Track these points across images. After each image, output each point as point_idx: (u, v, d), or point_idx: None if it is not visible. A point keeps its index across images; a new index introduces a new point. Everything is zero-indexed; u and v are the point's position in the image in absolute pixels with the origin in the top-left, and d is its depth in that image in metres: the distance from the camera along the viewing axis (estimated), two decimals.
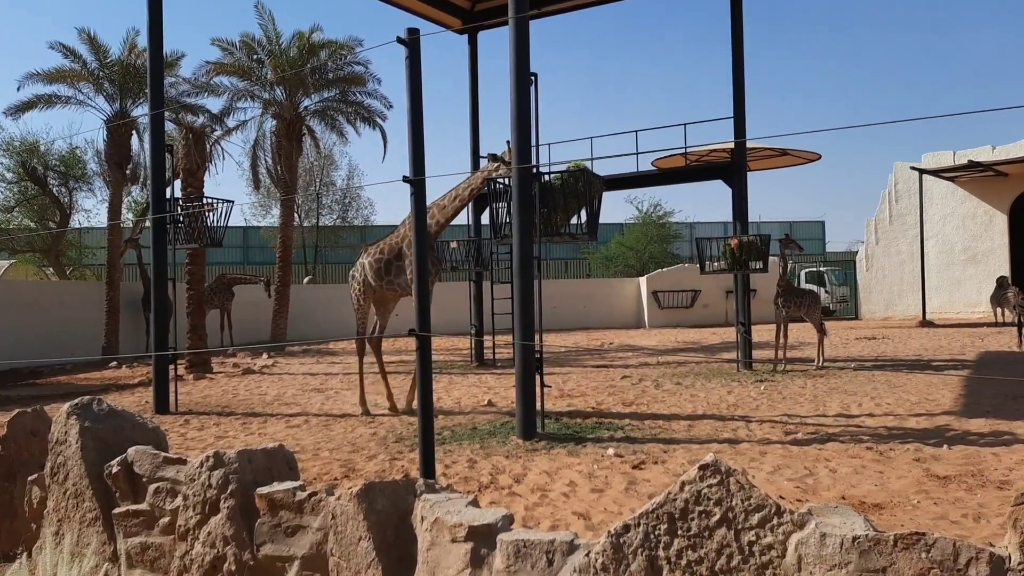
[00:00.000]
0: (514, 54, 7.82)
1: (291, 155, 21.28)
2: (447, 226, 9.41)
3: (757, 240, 13.00)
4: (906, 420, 8.02)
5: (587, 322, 27.22)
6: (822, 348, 13.21)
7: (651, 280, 28.03)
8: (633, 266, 35.16)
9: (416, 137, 4.53)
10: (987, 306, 23.92)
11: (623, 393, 10.50)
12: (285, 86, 21.31)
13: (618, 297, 28.38)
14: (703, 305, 27.61)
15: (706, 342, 19.67)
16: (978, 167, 23.92)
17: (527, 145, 7.90)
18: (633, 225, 38.00)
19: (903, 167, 27.30)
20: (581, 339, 21.63)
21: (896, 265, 27.80)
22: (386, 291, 9.54)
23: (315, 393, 11.56)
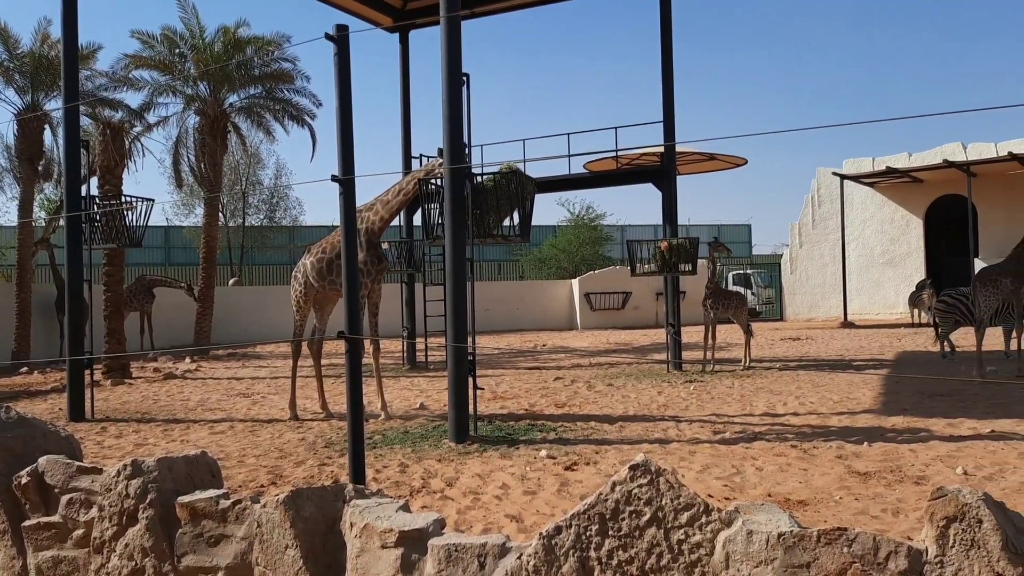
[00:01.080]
0: (446, 54, 7.80)
1: (215, 153, 20.78)
2: (391, 221, 9.34)
3: (686, 243, 13.26)
4: (829, 419, 8.29)
5: (520, 324, 27.32)
6: (749, 349, 13.55)
7: (583, 282, 28.32)
8: (566, 268, 35.44)
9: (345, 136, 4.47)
10: (905, 307, 24.95)
11: (556, 395, 10.57)
12: (209, 82, 20.79)
13: (551, 299, 28.58)
14: (634, 307, 28.03)
15: (637, 343, 19.96)
16: (895, 173, 24.94)
17: (459, 146, 7.89)
18: (565, 227, 38.33)
19: (825, 172, 28.26)
20: (514, 341, 21.69)
21: (819, 268, 28.75)
22: (328, 291, 9.42)
23: (241, 398, 11.29)
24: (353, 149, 4.53)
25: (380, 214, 9.00)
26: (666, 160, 14.52)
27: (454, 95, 7.80)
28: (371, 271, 9.01)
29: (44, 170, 19.53)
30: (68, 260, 10.07)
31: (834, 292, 27.78)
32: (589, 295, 27.88)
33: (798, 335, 20.88)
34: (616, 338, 22.06)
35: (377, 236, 9.13)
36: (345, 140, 4.47)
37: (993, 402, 8.92)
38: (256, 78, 21.62)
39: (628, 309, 28.02)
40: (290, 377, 9.77)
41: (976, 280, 11.20)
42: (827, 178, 28.09)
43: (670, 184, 14.15)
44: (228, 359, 18.19)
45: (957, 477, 5.66)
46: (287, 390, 10.77)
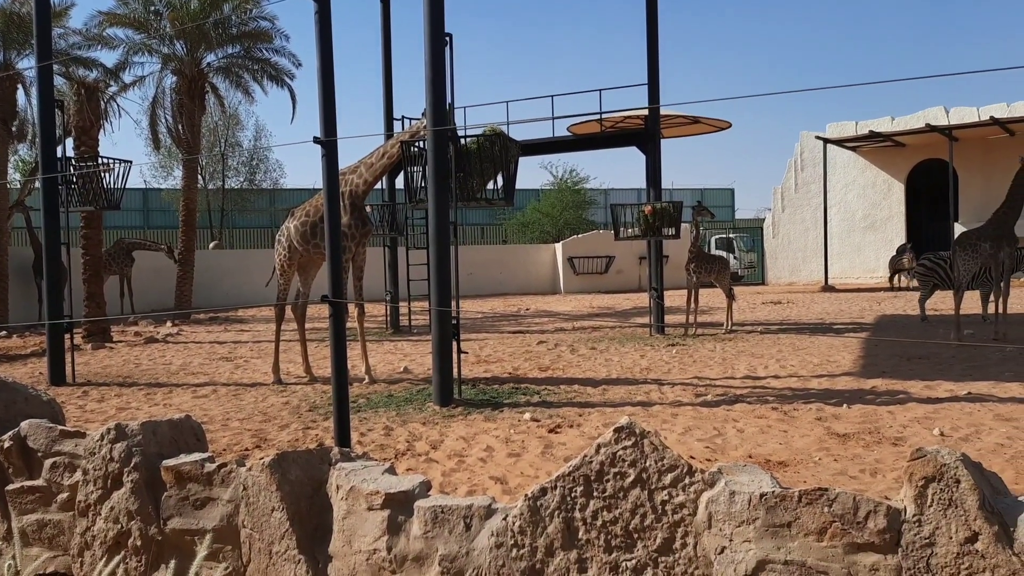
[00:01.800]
0: (428, 13, 7.68)
1: (193, 114, 20.46)
2: (375, 184, 9.27)
3: (670, 207, 13.26)
4: (809, 381, 8.39)
5: (504, 288, 27.35)
6: (731, 313, 13.65)
7: (567, 246, 28.33)
8: (549, 232, 35.43)
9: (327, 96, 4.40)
10: (885, 271, 25.19)
11: (539, 358, 10.62)
12: (186, 40, 20.40)
13: (534, 263, 28.59)
14: (617, 271, 28.11)
15: (620, 307, 20.06)
16: (878, 137, 25.00)
17: (442, 108, 7.81)
18: (549, 191, 38.26)
19: (808, 136, 28.28)
20: (498, 305, 21.73)
21: (801, 232, 28.90)
22: (312, 255, 9.37)
23: (223, 362, 11.27)
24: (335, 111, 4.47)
25: (364, 177, 8.92)
26: (650, 123, 14.47)
27: (437, 56, 7.70)
28: (355, 235, 8.96)
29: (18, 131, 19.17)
30: (45, 223, 9.92)
31: (815, 256, 27.98)
32: (572, 259, 27.91)
33: (780, 299, 21.05)
34: (599, 302, 22.15)
35: (361, 199, 9.06)
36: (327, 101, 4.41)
37: (970, 364, 9.06)
38: (234, 37, 21.23)
39: (611, 273, 28.10)
40: (273, 341, 9.74)
41: (955, 244, 11.31)
42: (810, 142, 28.13)
43: (654, 148, 14.11)
44: (210, 323, 18.12)
45: (934, 438, 5.76)
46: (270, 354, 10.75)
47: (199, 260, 21.41)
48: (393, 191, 16.33)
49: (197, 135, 21.17)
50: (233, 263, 24.48)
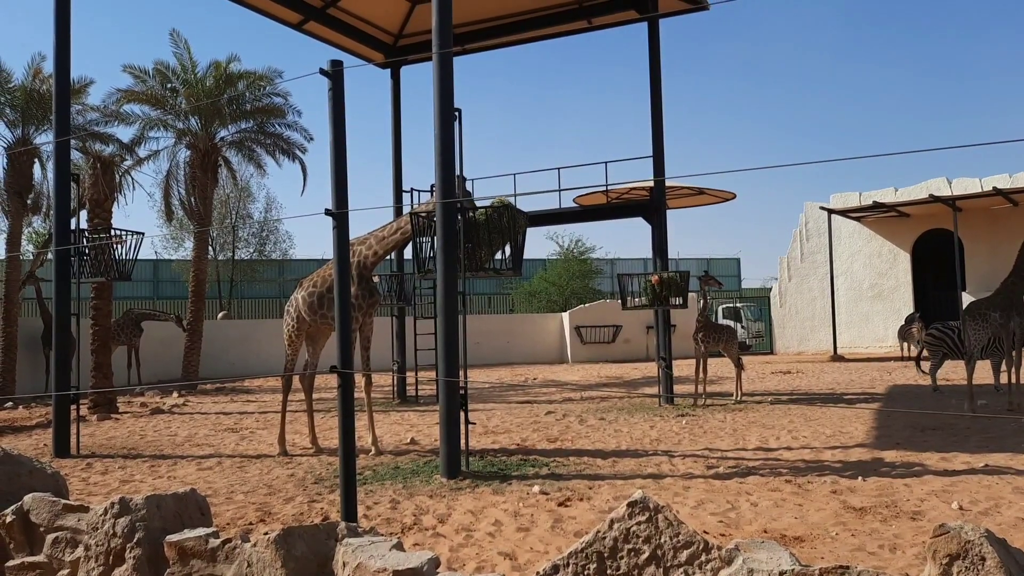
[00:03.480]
0: (438, 90, 7.86)
1: (205, 186, 20.78)
2: (385, 257, 9.37)
3: (677, 276, 13.30)
4: (822, 453, 8.26)
5: (511, 357, 27.25)
6: (740, 382, 13.54)
7: (574, 315, 28.33)
8: (556, 301, 35.47)
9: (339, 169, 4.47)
10: (894, 340, 25.03)
11: (547, 429, 10.52)
12: (200, 116, 20.88)
13: (541, 332, 28.55)
14: (625, 340, 28.02)
15: (628, 377, 19.93)
16: (882, 208, 25.17)
17: (451, 180, 7.92)
18: (556, 261, 38.45)
19: (813, 207, 28.51)
20: (505, 375, 21.61)
21: (808, 301, 28.87)
22: (320, 325, 9.41)
23: (229, 433, 11.17)
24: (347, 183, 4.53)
25: (373, 248, 9.02)
26: (656, 194, 14.62)
27: (446, 131, 7.85)
28: (363, 305, 9.00)
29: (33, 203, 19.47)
30: (56, 293, 9.99)
31: (823, 325, 27.88)
32: (580, 328, 27.87)
33: (789, 368, 20.90)
34: (607, 371, 22.02)
35: (369, 270, 9.13)
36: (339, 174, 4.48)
37: (986, 436, 8.91)
38: (247, 112, 21.72)
39: (619, 342, 28.01)
40: (279, 412, 9.69)
41: (965, 314, 11.25)
42: (815, 212, 28.34)
43: (660, 218, 14.22)
44: (216, 393, 18.04)
45: (953, 512, 5.63)
46: (276, 425, 10.68)
47: (207, 330, 21.45)
48: (401, 261, 16.46)
49: (209, 207, 21.46)
50: (241, 333, 24.52)
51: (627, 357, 27.37)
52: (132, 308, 21.88)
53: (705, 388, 13.40)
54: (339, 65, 4.40)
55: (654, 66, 14.46)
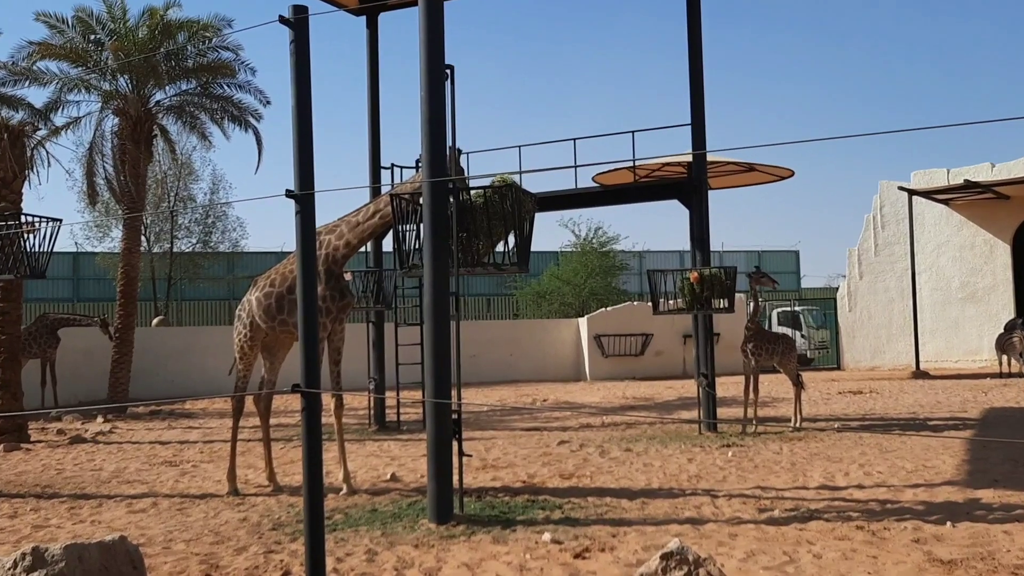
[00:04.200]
0: (425, 42, 7.87)
1: (138, 162, 20.81)
2: (360, 248, 9.40)
3: (721, 273, 13.30)
4: (901, 492, 8.26)
5: (515, 373, 27.28)
6: (799, 405, 13.54)
7: (593, 321, 28.35)
8: (571, 304, 35.49)
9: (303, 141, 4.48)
10: (991, 352, 25.00)
11: (561, 463, 10.52)
12: (131, 75, 20.91)
13: (553, 343, 28.58)
14: (656, 352, 28.03)
15: (660, 398, 19.92)
16: (976, 188, 25.13)
17: (441, 154, 7.93)
18: (571, 254, 38.46)
19: (890, 187, 28.49)
20: (508, 395, 21.63)
21: (883, 304, 28.86)
22: (279, 333, 9.44)
23: (167, 467, 11.20)
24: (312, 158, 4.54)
25: (345, 238, 9.04)
26: (695, 171, 14.63)
27: (435, 93, 7.86)
28: (331, 308, 9.01)
29: None
30: None
31: (903, 334, 27.86)
32: (600, 337, 27.89)
33: (860, 387, 20.89)
34: (634, 391, 22.03)
35: (340, 265, 9.15)
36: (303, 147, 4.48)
37: None
38: (189, 71, 21.75)
39: (649, 355, 28.02)
40: (229, 441, 9.71)
41: None
42: (892, 194, 28.32)
43: (700, 201, 14.23)
44: (151, 418, 18.09)
45: None
46: (225, 457, 10.69)
47: (140, 339, 21.48)
48: (379, 254, 16.48)
49: (142, 188, 21.50)
50: (181, 343, 24.57)
51: (659, 373, 27.38)
52: (47, 312, 21.93)
53: (756, 412, 13.38)
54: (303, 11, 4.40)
55: (693, 15, 14.47)
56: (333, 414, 9.22)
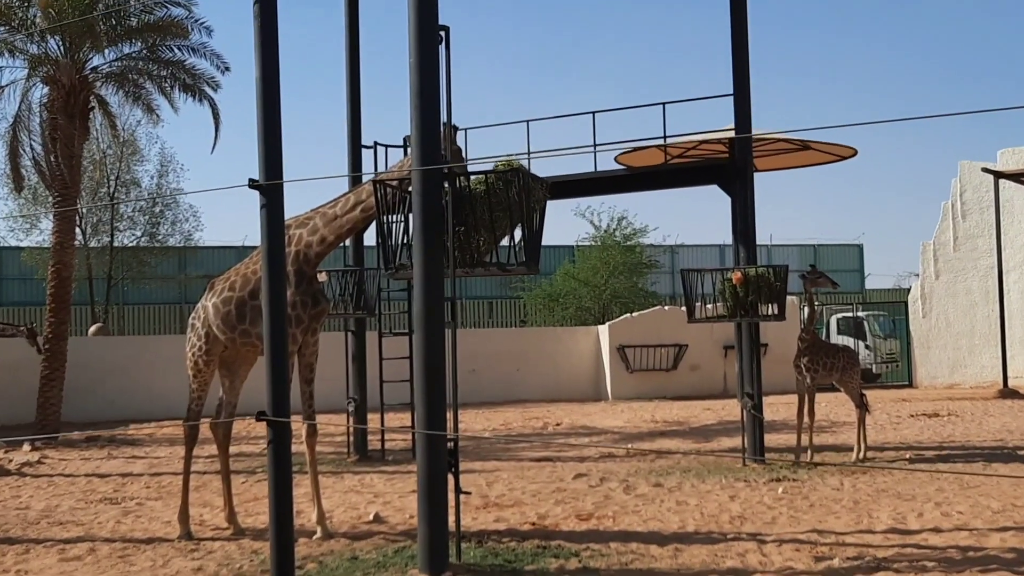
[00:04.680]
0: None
1: (72, 139, 20.83)
2: (337, 245, 9.41)
3: (769, 273, 13.27)
4: (986, 537, 8.24)
5: (522, 391, 27.26)
6: (863, 431, 13.51)
7: (615, 329, 28.33)
8: (589, 309, 35.47)
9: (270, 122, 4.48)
10: None
11: (577, 500, 10.51)
12: (64, 36, 20.93)
13: (567, 355, 28.56)
14: (691, 367, 28.00)
15: (697, 422, 19.90)
16: None
17: (434, 132, 7.93)
18: (589, 249, 38.42)
19: (972, 169, 28.42)
20: (514, 418, 21.61)
21: (965, 308, 28.78)
22: (241, 347, 9.43)
23: (107, 506, 11.21)
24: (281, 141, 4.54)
25: (320, 233, 9.03)
26: (738, 151, 14.60)
27: (426, 59, 7.86)
28: (303, 317, 9.01)
29: None
30: None
31: (987, 345, 27.81)
32: (624, 349, 27.87)
33: (936, 409, 20.84)
34: (665, 413, 22.00)
35: (313, 265, 9.15)
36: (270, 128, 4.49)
37: None
38: (133, 30, 21.74)
39: (682, 370, 27.99)
40: (181, 473, 9.71)
41: None
42: (974, 176, 28.24)
43: (744, 186, 14.21)
44: (87, 446, 18.09)
45: None
46: (176, 493, 10.68)
47: (74, 351, 21.48)
48: (360, 251, 16.49)
49: (76, 170, 21.50)
50: (124, 356, 24.58)
51: (695, 391, 27.34)
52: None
53: (812, 439, 13.35)
54: None
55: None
56: (305, 442, 9.23)
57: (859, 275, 47.40)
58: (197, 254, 40.00)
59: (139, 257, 37.82)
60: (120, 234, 37.64)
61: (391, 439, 16.23)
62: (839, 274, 44.00)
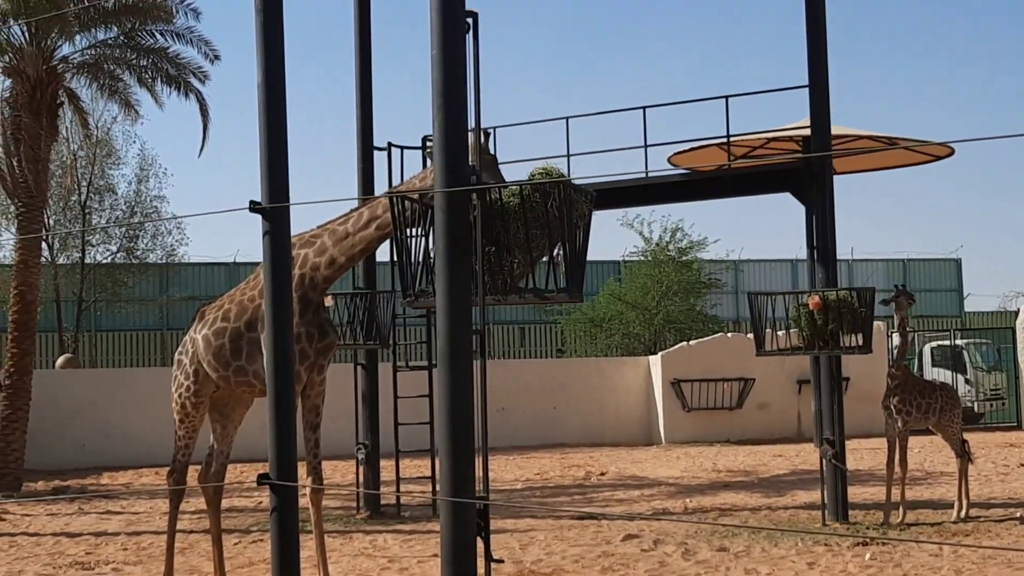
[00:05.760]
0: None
1: (39, 140, 20.99)
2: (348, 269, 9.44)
3: (853, 297, 13.18)
4: None
5: (561, 433, 27.19)
6: (965, 484, 13.38)
7: (669, 361, 28.23)
8: (638, 336, 35.34)
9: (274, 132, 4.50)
10: None
11: (627, 567, 10.47)
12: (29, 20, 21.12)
13: (613, 390, 28.48)
14: (759, 405, 27.84)
15: (767, 471, 19.81)
16: None
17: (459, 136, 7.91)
18: (638, 265, 38.26)
19: None
20: (550, 465, 21.57)
21: None
22: (235, 387, 9.43)
23: (78, 571, 11.23)
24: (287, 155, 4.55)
25: (329, 254, 9.04)
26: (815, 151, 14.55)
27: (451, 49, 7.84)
28: (308, 351, 9.02)
29: None
30: None
31: None
32: (680, 383, 27.77)
33: None
34: (729, 461, 21.89)
35: (321, 291, 9.17)
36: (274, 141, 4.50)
37: None
38: (108, 13, 21.87)
39: (749, 408, 27.85)
40: (165, 534, 9.75)
41: None
42: None
43: (822, 193, 14.15)
44: (54, 499, 18.17)
45: None
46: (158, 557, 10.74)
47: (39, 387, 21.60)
48: (372, 270, 16.51)
49: (43, 176, 21.64)
50: (97, 391, 24.65)
51: (764, 434, 27.18)
52: None
53: (904, 493, 13.23)
54: None
55: None
56: (309, 499, 9.22)
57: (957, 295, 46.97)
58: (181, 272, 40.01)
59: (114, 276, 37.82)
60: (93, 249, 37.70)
61: (408, 492, 16.20)
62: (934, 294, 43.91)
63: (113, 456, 23.01)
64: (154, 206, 38.23)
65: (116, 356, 38.22)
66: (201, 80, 22.58)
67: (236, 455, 10.35)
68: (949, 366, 30.39)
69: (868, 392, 19.68)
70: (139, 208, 37.92)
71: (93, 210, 37.11)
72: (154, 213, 38.13)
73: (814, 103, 14.18)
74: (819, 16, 14.32)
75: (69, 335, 36.24)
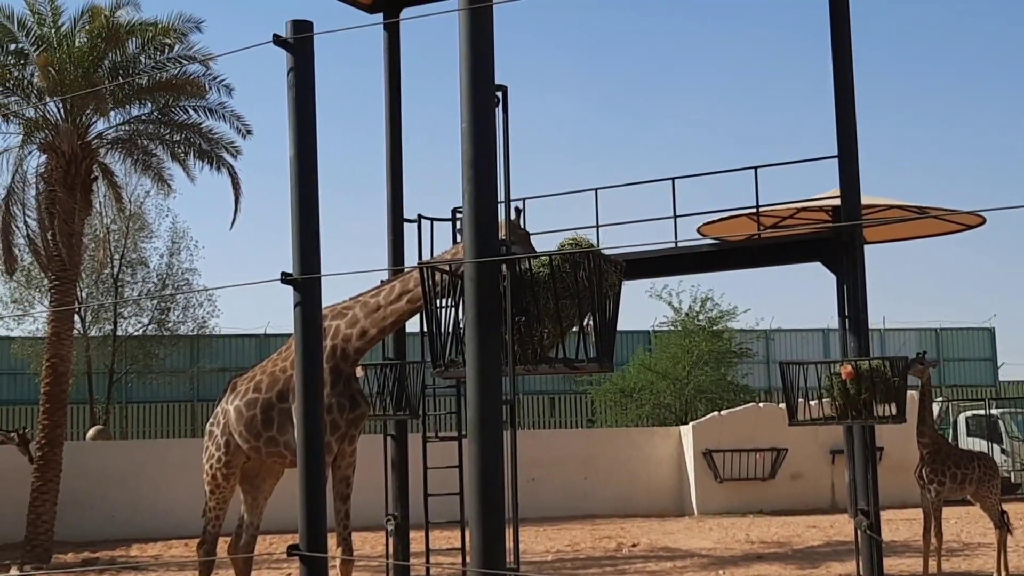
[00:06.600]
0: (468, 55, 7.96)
1: (72, 214, 21.16)
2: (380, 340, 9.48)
3: (886, 366, 13.12)
4: None
5: (591, 504, 27.05)
6: (1004, 556, 13.24)
7: (701, 431, 28.10)
8: (669, 406, 35.19)
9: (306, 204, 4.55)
10: None
11: None
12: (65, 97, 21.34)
13: (644, 461, 28.34)
14: (792, 475, 27.66)
15: (801, 542, 19.63)
16: None
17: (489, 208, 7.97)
18: (668, 335, 38.23)
19: None
20: (581, 536, 21.44)
21: None
22: (266, 457, 9.45)
23: None
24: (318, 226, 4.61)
25: (360, 326, 9.10)
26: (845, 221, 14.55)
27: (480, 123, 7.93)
28: (339, 422, 9.06)
29: None
30: None
31: None
32: (712, 453, 27.62)
33: None
34: (762, 532, 21.71)
35: (352, 363, 9.21)
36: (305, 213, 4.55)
37: None
38: (143, 90, 22.11)
39: (782, 479, 27.65)
40: None
41: None
42: None
43: (853, 263, 14.10)
44: (84, 569, 18.16)
45: None
46: None
47: (70, 458, 21.66)
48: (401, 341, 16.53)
49: (77, 249, 21.79)
50: (127, 463, 24.65)
51: (797, 505, 26.97)
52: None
53: (940, 565, 13.09)
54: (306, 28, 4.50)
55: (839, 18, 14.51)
56: (339, 570, 9.21)
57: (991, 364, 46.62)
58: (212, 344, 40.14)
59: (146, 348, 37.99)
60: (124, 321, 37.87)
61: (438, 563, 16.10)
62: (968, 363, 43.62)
63: (143, 528, 22.99)
64: (185, 278, 38.47)
65: (147, 428, 38.33)
66: (233, 155, 22.75)
67: (266, 526, 10.34)
68: (984, 436, 30.12)
69: (902, 462, 19.49)
70: (171, 280, 38.13)
71: (125, 283, 37.34)
72: (185, 285, 38.34)
73: (844, 173, 14.18)
74: (848, 85, 14.37)
75: (100, 407, 36.34)
